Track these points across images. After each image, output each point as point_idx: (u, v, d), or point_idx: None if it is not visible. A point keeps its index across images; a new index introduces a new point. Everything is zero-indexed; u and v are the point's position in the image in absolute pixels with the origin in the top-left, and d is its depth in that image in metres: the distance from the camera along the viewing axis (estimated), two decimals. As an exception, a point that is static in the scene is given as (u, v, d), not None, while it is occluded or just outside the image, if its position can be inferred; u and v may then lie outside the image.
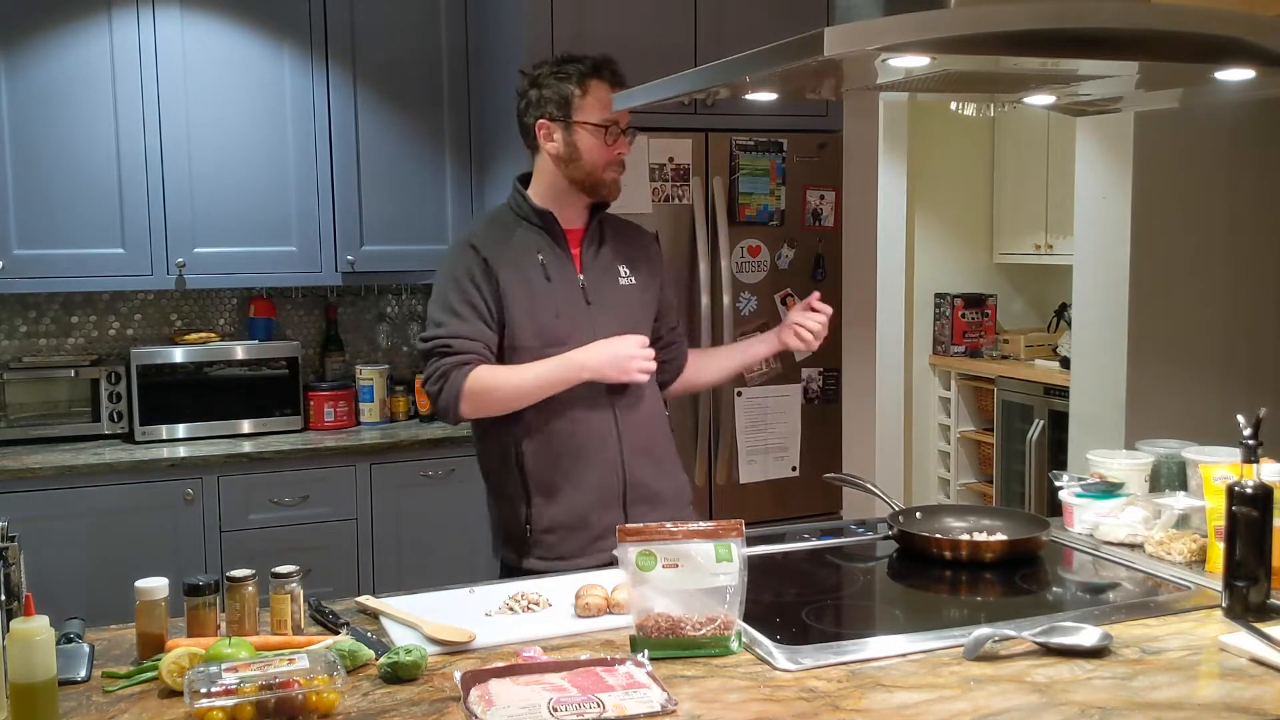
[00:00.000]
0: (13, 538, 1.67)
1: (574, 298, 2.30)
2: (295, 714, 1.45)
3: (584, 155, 2.29)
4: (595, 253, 2.36)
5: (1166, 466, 2.43)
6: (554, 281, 2.29)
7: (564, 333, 2.26)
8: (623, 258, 2.39)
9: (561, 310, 2.27)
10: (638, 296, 2.38)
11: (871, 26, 1.69)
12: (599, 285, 2.33)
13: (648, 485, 2.35)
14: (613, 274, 2.36)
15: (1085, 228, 3.82)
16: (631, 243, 2.44)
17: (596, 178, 2.30)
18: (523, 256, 2.29)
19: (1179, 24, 1.71)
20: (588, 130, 2.27)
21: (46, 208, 3.49)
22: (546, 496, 2.30)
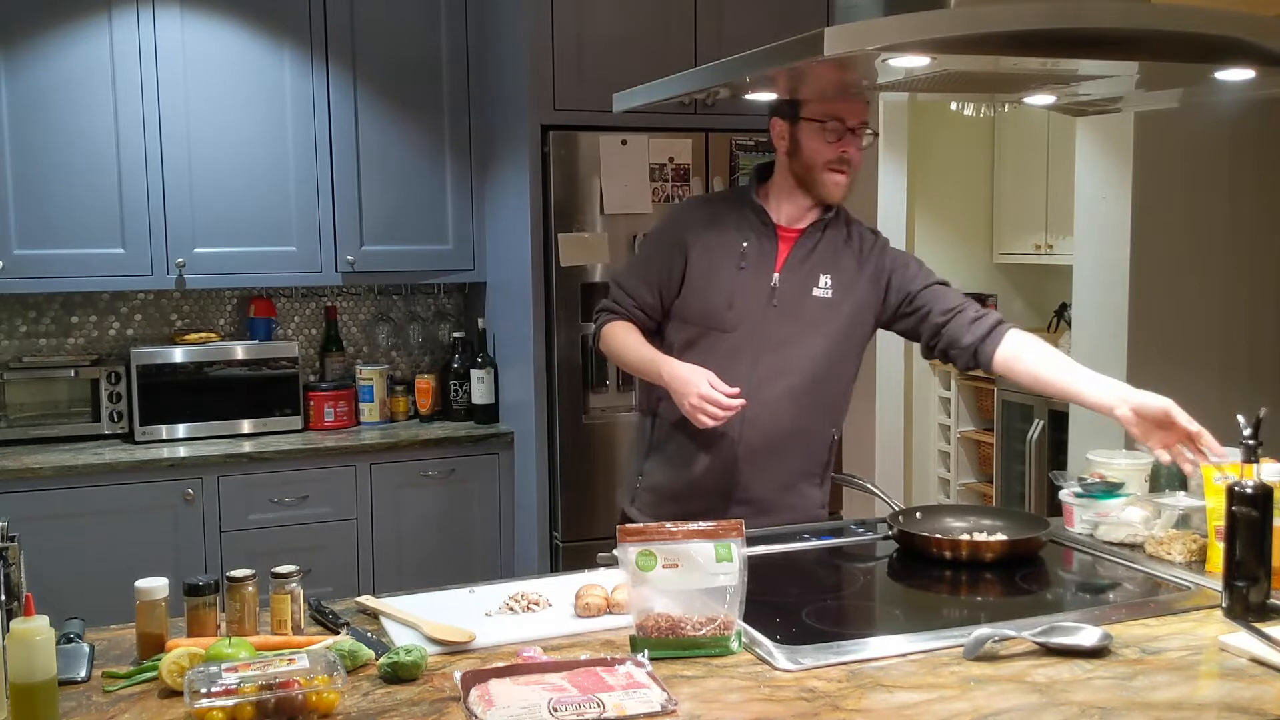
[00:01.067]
0: (13, 538, 1.67)
1: (760, 294, 2.29)
2: (295, 714, 1.45)
3: (805, 152, 2.27)
4: (805, 257, 2.32)
5: (1166, 467, 2.43)
6: (746, 272, 2.29)
7: (732, 322, 2.29)
8: (831, 268, 2.33)
9: (738, 301, 2.28)
10: (829, 311, 2.31)
11: (871, 26, 1.69)
12: (790, 289, 2.30)
13: (759, 494, 2.32)
14: (810, 283, 2.31)
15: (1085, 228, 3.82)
16: (850, 250, 2.36)
17: (816, 175, 2.28)
18: (725, 241, 2.31)
19: (1179, 24, 1.71)
20: (809, 127, 2.26)
21: (46, 208, 3.49)
22: (662, 458, 2.38)
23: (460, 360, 4.00)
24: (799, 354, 2.30)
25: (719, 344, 2.30)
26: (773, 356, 2.29)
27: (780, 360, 2.29)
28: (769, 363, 2.29)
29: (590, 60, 3.47)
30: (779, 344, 2.29)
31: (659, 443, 2.39)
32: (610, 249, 3.49)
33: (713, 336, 2.30)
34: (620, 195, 3.49)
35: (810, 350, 2.31)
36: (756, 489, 2.33)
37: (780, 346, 2.29)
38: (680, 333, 2.35)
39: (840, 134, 2.26)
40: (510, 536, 3.79)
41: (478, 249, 3.94)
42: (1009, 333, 2.30)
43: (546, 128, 3.44)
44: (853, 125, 2.26)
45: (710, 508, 2.27)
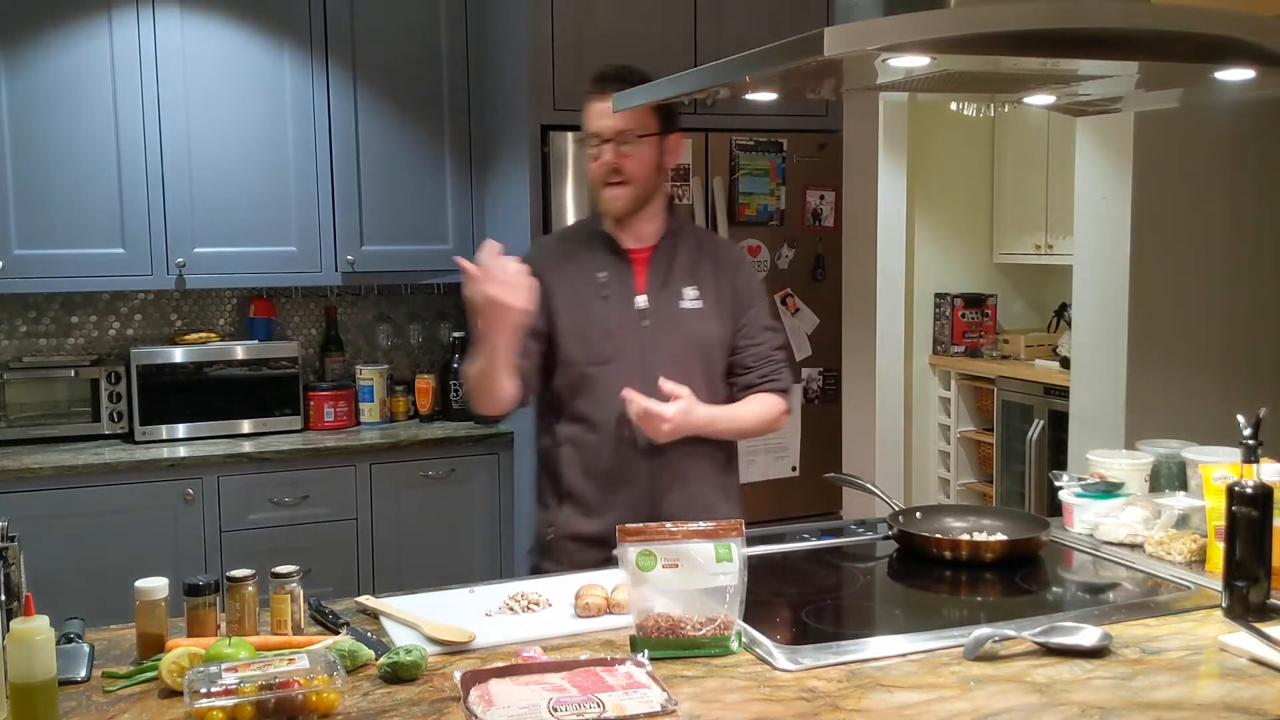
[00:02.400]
0: (13, 538, 1.67)
1: (629, 319, 2.25)
2: (296, 714, 1.45)
3: (588, 174, 2.27)
4: (664, 273, 2.29)
5: (1166, 466, 2.43)
6: (610, 302, 2.25)
7: (611, 352, 2.23)
8: (692, 278, 2.30)
9: (613, 330, 2.24)
10: (701, 321, 2.28)
11: (871, 26, 1.69)
12: (659, 308, 2.27)
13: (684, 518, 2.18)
14: (676, 297, 2.28)
15: (1085, 228, 3.82)
16: (705, 260, 2.33)
17: (594, 193, 2.28)
18: (583, 275, 2.27)
19: (1179, 24, 1.71)
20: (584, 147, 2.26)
21: (46, 208, 3.49)
22: (575, 507, 2.27)
23: (460, 360, 4.00)
24: (685, 369, 2.24)
25: (605, 378, 2.22)
26: (658, 377, 2.18)
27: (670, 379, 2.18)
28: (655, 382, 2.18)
29: (590, 60, 3.45)
30: (663, 364, 2.21)
31: (568, 492, 2.28)
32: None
33: (596, 372, 2.22)
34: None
35: (695, 362, 2.27)
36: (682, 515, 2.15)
37: (665, 366, 2.21)
38: (564, 377, 2.26)
39: (597, 146, 2.24)
40: (510, 536, 3.79)
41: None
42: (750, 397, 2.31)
43: (546, 128, 3.44)
44: (608, 136, 2.22)
45: None
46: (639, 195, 2.26)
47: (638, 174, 2.24)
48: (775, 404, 2.34)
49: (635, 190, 2.25)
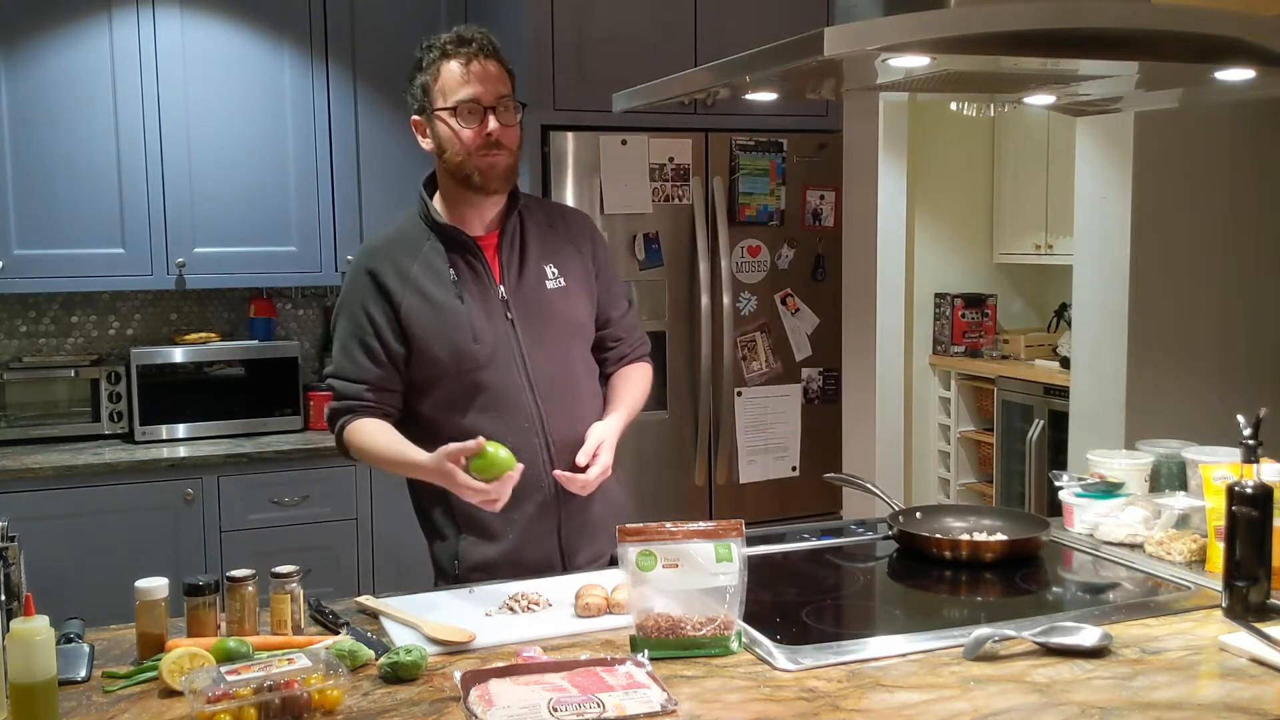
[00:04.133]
0: (13, 538, 1.67)
1: (494, 313, 2.08)
2: (300, 712, 1.45)
3: (447, 146, 2.07)
4: (518, 259, 2.12)
5: (1166, 466, 2.43)
6: (468, 301, 2.06)
7: (485, 356, 2.06)
8: (549, 256, 2.15)
9: (480, 333, 2.06)
10: (569, 300, 2.15)
11: (871, 26, 1.69)
12: (522, 298, 2.10)
13: (583, 511, 2.14)
14: (538, 278, 2.12)
15: (1085, 228, 3.82)
16: (558, 236, 2.19)
17: (467, 168, 2.05)
18: (430, 276, 2.07)
19: (1179, 24, 1.71)
20: (444, 117, 2.06)
21: (46, 208, 3.49)
22: (476, 533, 2.11)
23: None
24: (564, 356, 2.14)
25: (483, 384, 2.07)
26: (542, 371, 2.10)
27: (549, 371, 2.11)
28: (543, 378, 2.10)
29: (590, 60, 3.47)
30: (541, 356, 2.10)
31: (466, 519, 2.10)
32: (610, 249, 3.48)
33: (473, 379, 2.06)
34: (620, 195, 3.49)
35: (570, 346, 2.16)
36: (581, 510, 2.14)
37: (546, 356, 2.11)
38: (440, 394, 2.09)
39: (480, 115, 2.05)
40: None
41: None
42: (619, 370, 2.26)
43: (546, 128, 3.44)
44: (489, 102, 2.05)
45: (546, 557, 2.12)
46: (515, 166, 2.10)
47: (513, 144, 2.09)
48: (648, 370, 2.30)
49: (513, 160, 2.09)
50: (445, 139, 2.07)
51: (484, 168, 2.06)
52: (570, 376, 2.15)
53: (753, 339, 3.73)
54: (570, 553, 2.15)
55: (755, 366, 3.73)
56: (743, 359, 3.71)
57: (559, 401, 2.11)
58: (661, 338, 3.59)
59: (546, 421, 2.09)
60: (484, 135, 2.05)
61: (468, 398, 2.08)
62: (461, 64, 2.05)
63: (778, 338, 3.76)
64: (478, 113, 2.05)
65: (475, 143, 2.05)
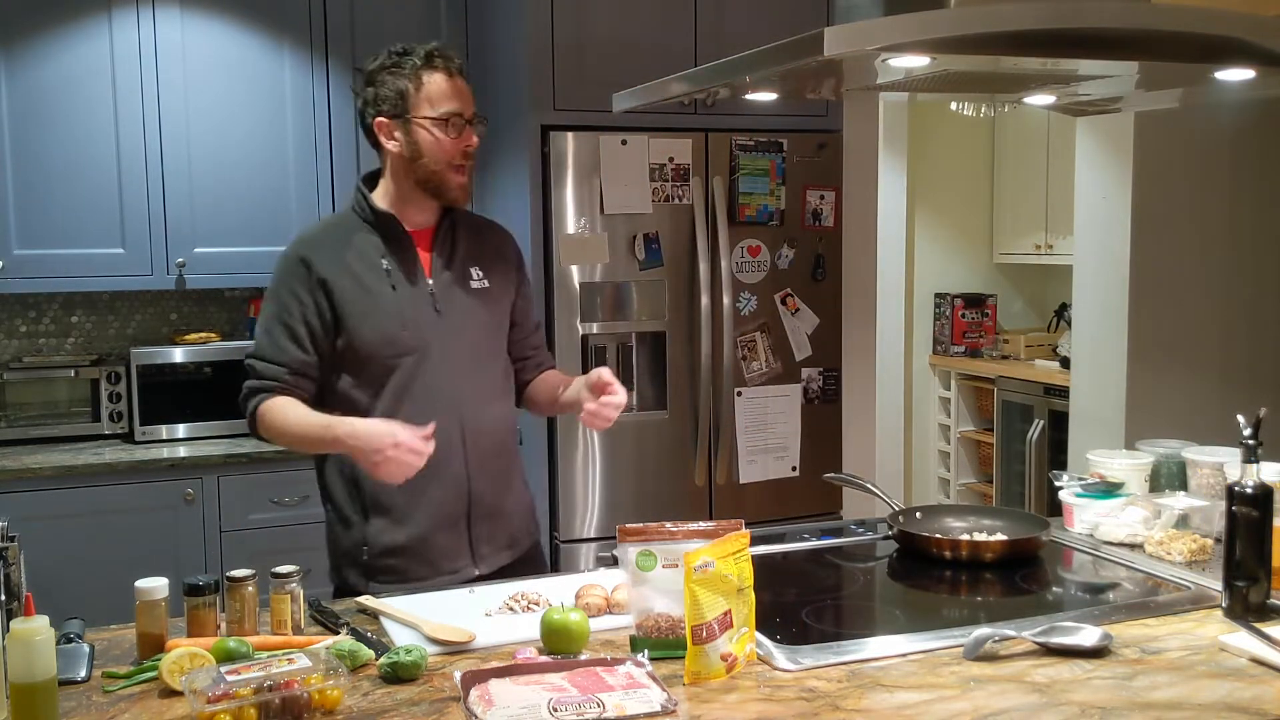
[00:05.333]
0: (13, 538, 1.67)
1: (422, 304, 2.16)
2: (300, 712, 1.45)
3: (425, 153, 2.13)
4: (447, 256, 2.21)
5: (1166, 466, 2.43)
6: (399, 290, 2.14)
7: (412, 343, 2.14)
8: (475, 260, 2.25)
9: (409, 321, 2.14)
10: (491, 301, 2.25)
11: (871, 26, 1.69)
12: (449, 292, 2.19)
13: (491, 501, 2.22)
14: (464, 278, 2.22)
15: (1085, 228, 3.82)
16: (485, 243, 2.30)
17: (441, 177, 2.15)
18: (364, 264, 2.14)
19: (1179, 24, 1.72)
20: (426, 125, 2.13)
21: (46, 208, 3.49)
22: (385, 517, 2.15)
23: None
24: (486, 352, 2.24)
25: (409, 371, 2.14)
26: (459, 363, 2.18)
27: (468, 365, 2.20)
28: (460, 369, 2.18)
29: (590, 60, 3.47)
30: (459, 349, 2.18)
31: (375, 502, 2.15)
32: (610, 249, 3.49)
33: (400, 366, 2.13)
34: (620, 195, 3.49)
35: (490, 346, 2.26)
36: (491, 499, 2.22)
37: (461, 351, 2.19)
38: (363, 376, 2.14)
39: (461, 128, 2.15)
40: (510, 536, 3.78)
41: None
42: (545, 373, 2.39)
43: (546, 128, 3.45)
44: (469, 117, 2.17)
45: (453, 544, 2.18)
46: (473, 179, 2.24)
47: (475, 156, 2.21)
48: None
49: (473, 174, 2.23)
50: (425, 146, 2.14)
51: (456, 180, 2.17)
52: (488, 370, 2.25)
53: (753, 339, 3.73)
54: (477, 541, 2.21)
55: (755, 366, 3.73)
56: (743, 359, 3.71)
57: (475, 392, 2.21)
58: (661, 338, 3.59)
59: (463, 409, 2.17)
60: (463, 146, 2.16)
61: (389, 381, 2.14)
62: (446, 76, 2.16)
63: (778, 338, 3.76)
64: (459, 125, 2.15)
65: (455, 153, 2.15)
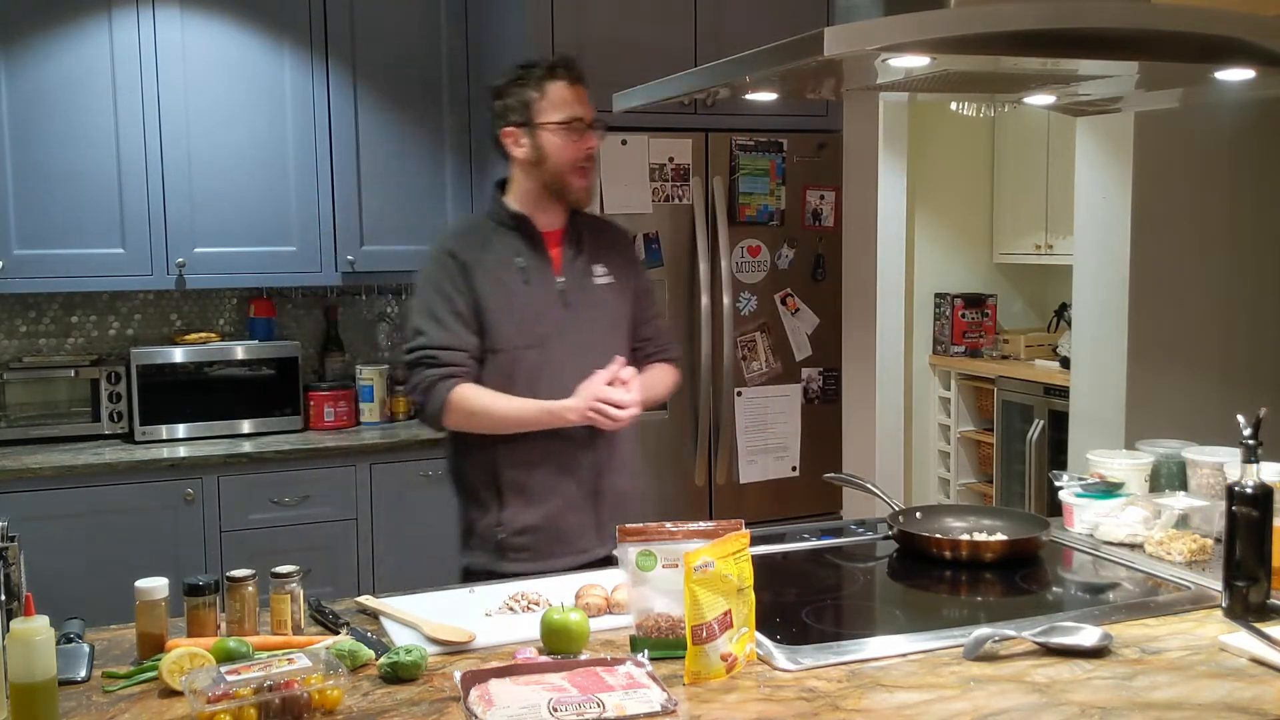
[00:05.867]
0: (13, 538, 1.67)
1: (551, 300, 2.31)
2: (300, 712, 1.45)
3: (550, 156, 2.28)
4: (574, 254, 2.36)
5: (1166, 466, 2.43)
6: (532, 284, 2.30)
7: (542, 334, 2.29)
8: (599, 256, 2.39)
9: (540, 313, 2.30)
10: (615, 294, 2.39)
11: (871, 26, 1.69)
12: (577, 286, 2.34)
13: (617, 486, 2.37)
14: (589, 274, 2.37)
15: (1085, 228, 3.82)
16: (607, 241, 2.44)
17: (564, 179, 2.30)
18: (501, 261, 2.31)
19: (1179, 24, 1.72)
20: (550, 130, 2.27)
21: (46, 208, 3.49)
22: (520, 499, 2.30)
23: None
24: (607, 342, 2.35)
25: (534, 362, 2.28)
26: (590, 352, 2.29)
27: (595, 355, 2.28)
28: (588, 360, 2.27)
29: (590, 60, 3.46)
30: (586, 339, 2.32)
31: (509, 485, 2.31)
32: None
33: (529, 357, 2.28)
34: (620, 195, 3.49)
35: (614, 334, 2.38)
36: (617, 486, 2.37)
37: (589, 342, 2.32)
38: (495, 365, 2.29)
39: (583, 132, 2.29)
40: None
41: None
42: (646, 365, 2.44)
43: (546, 128, 3.44)
44: (589, 121, 2.30)
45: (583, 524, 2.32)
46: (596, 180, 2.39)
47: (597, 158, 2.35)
48: (673, 373, 2.51)
49: (596, 175, 2.36)
50: (549, 149, 2.29)
51: (576, 185, 2.31)
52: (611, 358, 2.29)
53: (753, 339, 3.73)
54: (604, 522, 2.32)
55: (755, 366, 3.73)
56: (743, 359, 3.71)
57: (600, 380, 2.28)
58: (661, 338, 3.59)
59: None
60: (586, 150, 2.30)
61: (518, 371, 2.28)
62: (567, 84, 2.30)
63: (778, 338, 3.76)
64: (580, 129, 2.29)
65: (578, 156, 2.29)
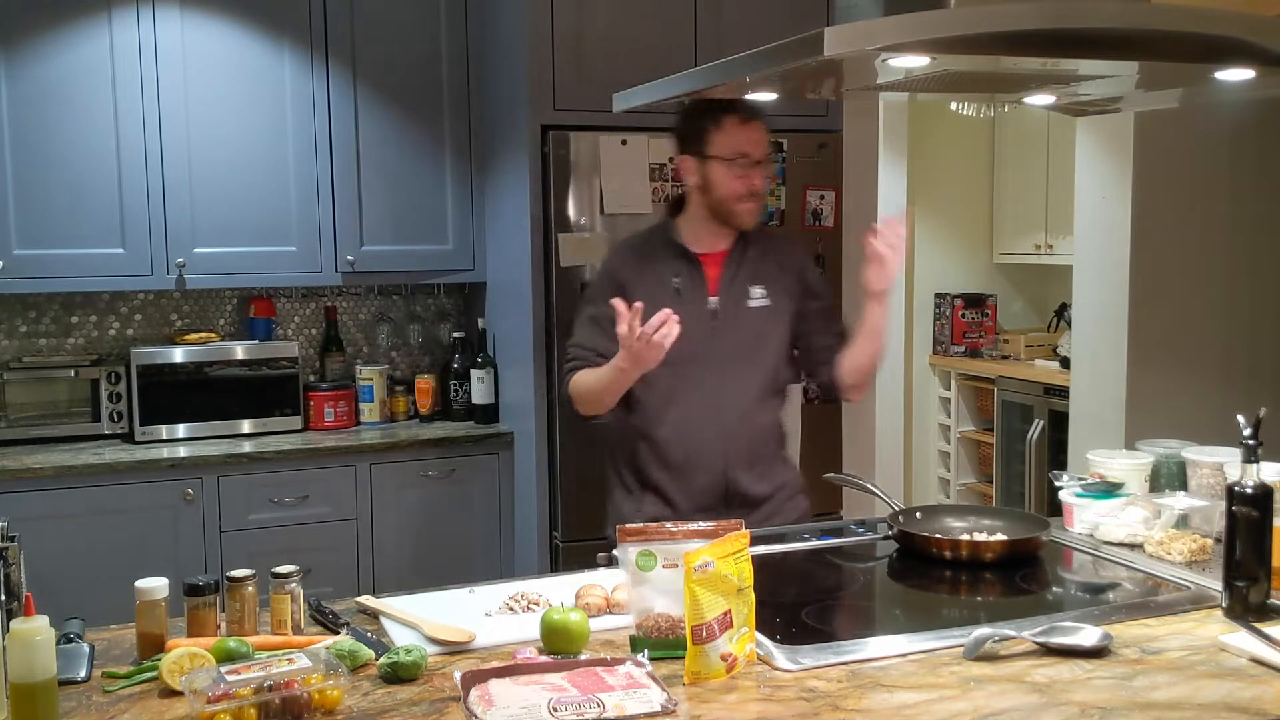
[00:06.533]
0: (13, 538, 1.67)
1: (701, 318, 2.42)
2: (300, 712, 1.45)
3: (715, 188, 2.40)
4: (733, 275, 2.47)
5: (1166, 466, 2.43)
6: (684, 303, 2.39)
7: (689, 351, 2.36)
8: (759, 278, 2.49)
9: (688, 330, 2.35)
10: (767, 317, 2.48)
11: (871, 26, 1.69)
12: (729, 306, 2.46)
13: (747, 492, 2.46)
14: (744, 297, 2.47)
15: (1085, 228, 3.83)
16: (775, 262, 2.52)
17: (728, 208, 2.42)
18: (658, 278, 2.45)
19: (1179, 24, 1.72)
20: (717, 163, 2.39)
21: (46, 208, 3.49)
22: (656, 493, 2.47)
23: (460, 360, 4.00)
24: (754, 362, 2.46)
25: (679, 374, 2.39)
26: (730, 371, 2.44)
27: (738, 372, 2.44)
28: (729, 377, 2.43)
29: (590, 60, 3.47)
30: (733, 358, 2.44)
31: (650, 482, 2.48)
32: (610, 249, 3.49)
33: (671, 370, 2.34)
34: (620, 195, 3.49)
35: (760, 356, 2.47)
36: (747, 489, 2.46)
37: (735, 360, 2.44)
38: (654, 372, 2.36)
39: (748, 168, 2.39)
40: (510, 536, 3.79)
41: (478, 249, 3.94)
42: None
43: (546, 128, 3.44)
44: (758, 159, 2.40)
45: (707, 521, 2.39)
46: (761, 209, 2.48)
47: (764, 194, 2.48)
48: None
49: (760, 206, 2.47)
50: (715, 181, 2.41)
51: (740, 212, 2.43)
52: (752, 379, 2.47)
53: (753, 339, 3.72)
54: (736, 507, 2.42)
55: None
56: (743, 359, 3.70)
57: (737, 398, 2.45)
58: (661, 338, 3.59)
59: (724, 412, 2.43)
60: (749, 185, 2.40)
61: (659, 382, 2.38)
62: (740, 121, 2.39)
63: (778, 338, 3.75)
64: (746, 165, 2.39)
65: (741, 191, 2.40)
